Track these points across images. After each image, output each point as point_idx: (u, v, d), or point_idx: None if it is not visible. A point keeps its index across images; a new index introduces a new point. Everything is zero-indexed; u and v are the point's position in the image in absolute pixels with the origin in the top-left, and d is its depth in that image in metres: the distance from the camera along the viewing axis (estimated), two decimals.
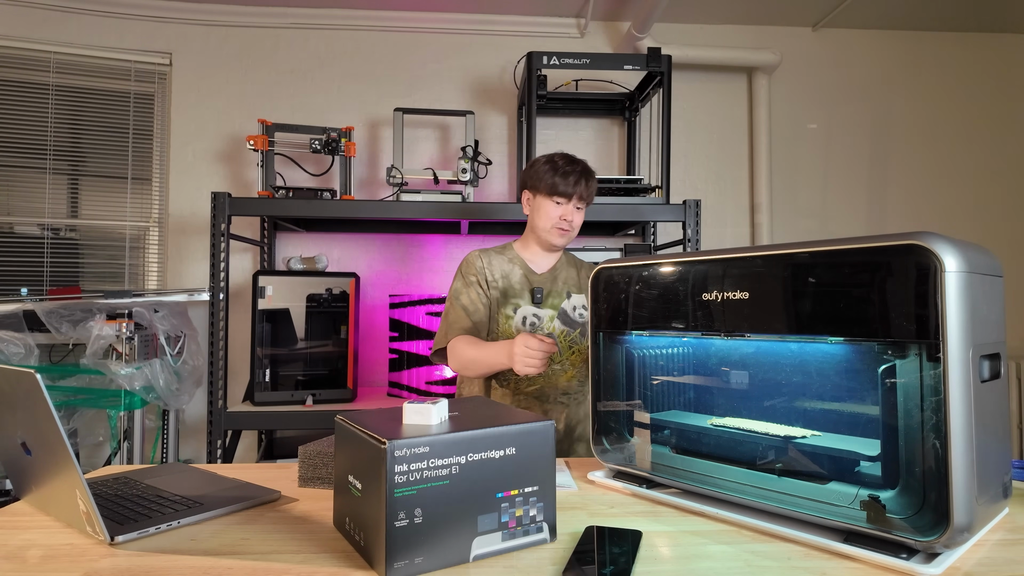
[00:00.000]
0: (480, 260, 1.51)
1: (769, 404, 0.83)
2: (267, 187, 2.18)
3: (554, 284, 1.52)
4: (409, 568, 0.63)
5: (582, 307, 1.53)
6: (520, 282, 1.50)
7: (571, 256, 1.63)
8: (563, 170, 1.44)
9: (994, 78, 2.81)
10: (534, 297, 1.49)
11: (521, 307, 1.48)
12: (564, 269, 1.56)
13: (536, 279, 1.51)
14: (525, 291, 1.50)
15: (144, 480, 0.96)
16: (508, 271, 1.51)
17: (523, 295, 1.50)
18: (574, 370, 1.47)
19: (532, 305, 1.49)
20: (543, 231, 1.48)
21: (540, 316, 1.49)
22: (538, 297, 1.49)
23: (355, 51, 2.62)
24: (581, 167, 1.47)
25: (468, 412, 0.78)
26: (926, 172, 2.78)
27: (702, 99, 2.73)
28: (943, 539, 0.62)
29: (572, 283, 1.55)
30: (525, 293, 1.50)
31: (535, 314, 1.49)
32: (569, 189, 1.43)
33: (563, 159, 1.48)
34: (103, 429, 2.29)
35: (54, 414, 0.68)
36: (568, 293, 1.52)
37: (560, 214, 1.45)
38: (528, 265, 1.53)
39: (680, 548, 0.71)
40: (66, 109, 2.51)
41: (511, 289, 1.49)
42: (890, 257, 0.66)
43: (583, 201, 1.48)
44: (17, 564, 0.67)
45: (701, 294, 0.84)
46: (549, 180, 1.44)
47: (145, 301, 2.21)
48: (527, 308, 1.49)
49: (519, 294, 1.49)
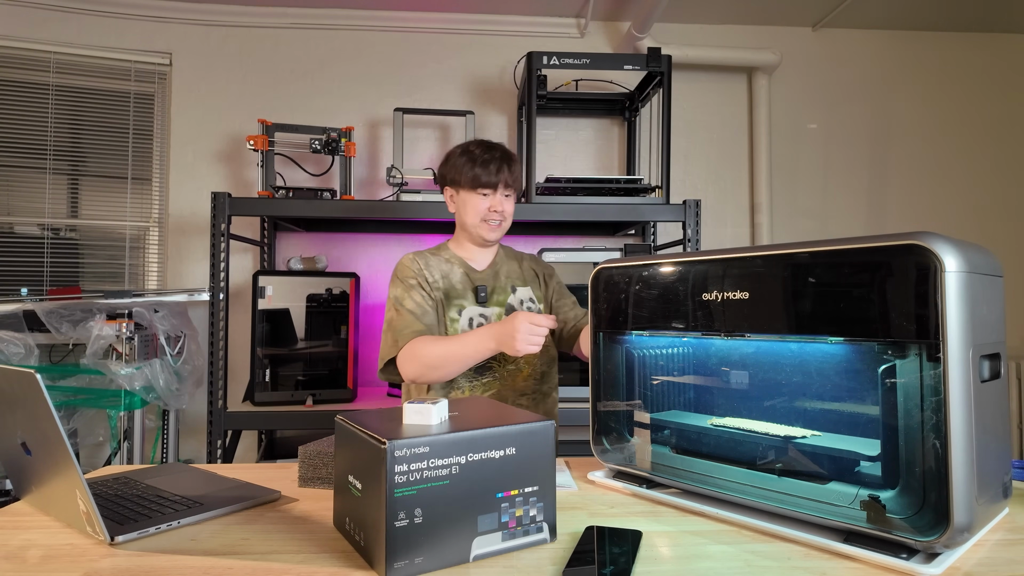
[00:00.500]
0: (416, 262, 1.41)
1: (769, 404, 0.83)
2: (267, 187, 2.18)
3: (496, 280, 1.44)
4: (409, 568, 0.63)
5: (529, 300, 1.46)
6: (461, 281, 1.41)
7: (508, 249, 1.55)
8: (481, 159, 1.35)
9: (994, 78, 2.81)
10: (478, 296, 1.41)
11: (466, 308, 1.39)
12: (504, 263, 1.48)
13: (478, 277, 1.43)
14: (468, 291, 1.41)
15: (144, 480, 0.96)
16: (447, 271, 1.42)
17: (466, 295, 1.41)
18: (529, 368, 1.41)
19: (477, 305, 1.40)
20: (473, 227, 1.39)
21: (487, 316, 1.40)
22: (482, 296, 1.41)
23: (355, 51, 2.62)
24: (500, 152, 1.38)
25: (468, 412, 0.78)
26: (926, 172, 2.78)
27: (702, 99, 2.73)
28: (943, 539, 0.62)
29: (515, 276, 1.47)
30: (468, 293, 1.41)
31: (481, 314, 1.40)
32: (492, 178, 1.35)
33: (479, 147, 1.38)
34: (103, 429, 2.29)
35: (54, 414, 0.68)
36: (513, 287, 1.45)
37: (488, 206, 1.37)
38: (467, 263, 1.44)
39: (680, 548, 0.71)
40: (66, 109, 2.51)
41: (453, 290, 1.40)
42: (890, 257, 0.66)
43: (510, 188, 1.39)
44: (17, 564, 0.67)
45: (701, 294, 0.84)
46: (469, 173, 1.35)
47: (145, 301, 2.21)
48: (472, 308, 1.40)
49: (462, 294, 1.40)
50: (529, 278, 1.50)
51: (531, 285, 1.49)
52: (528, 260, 1.55)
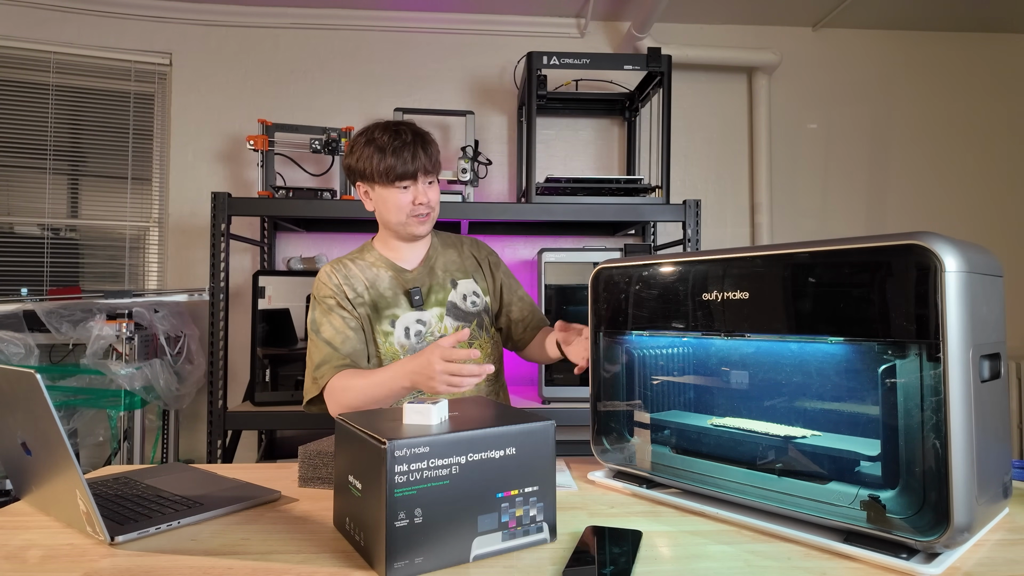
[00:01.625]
0: (334, 276, 1.24)
1: (769, 404, 0.83)
2: (267, 187, 2.18)
3: (432, 276, 1.28)
4: (409, 568, 0.63)
5: (473, 294, 1.30)
6: (391, 287, 1.25)
7: (445, 236, 1.37)
8: (392, 147, 1.17)
9: (994, 78, 2.81)
10: (412, 300, 1.24)
11: (400, 317, 1.23)
12: (440, 255, 1.32)
13: (409, 277, 1.27)
14: (399, 296, 1.24)
15: (144, 480, 0.96)
16: (373, 278, 1.25)
17: (398, 301, 1.24)
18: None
19: (413, 310, 1.24)
20: (399, 224, 1.23)
21: (425, 320, 1.24)
22: (417, 299, 1.24)
23: (355, 51, 2.62)
24: (411, 134, 1.20)
25: (468, 412, 0.78)
26: (926, 172, 2.78)
27: (702, 99, 2.73)
28: (943, 539, 0.62)
29: (455, 267, 1.31)
30: (400, 298, 1.24)
31: (419, 320, 1.24)
32: (409, 166, 1.17)
33: (385, 132, 1.20)
34: (103, 429, 2.29)
35: (54, 414, 0.68)
36: (453, 281, 1.29)
37: (411, 199, 1.20)
38: (396, 264, 1.28)
39: (680, 548, 0.71)
40: (66, 109, 2.51)
41: (382, 299, 1.24)
42: (890, 257, 0.66)
43: (430, 173, 1.22)
44: (17, 564, 0.67)
45: (701, 294, 0.84)
46: (381, 165, 1.17)
47: (145, 301, 2.21)
48: (407, 316, 1.23)
49: (393, 301, 1.24)
50: (471, 268, 1.34)
51: (474, 276, 1.33)
52: (469, 245, 1.37)
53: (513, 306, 1.37)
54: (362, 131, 1.24)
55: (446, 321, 1.27)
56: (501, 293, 1.37)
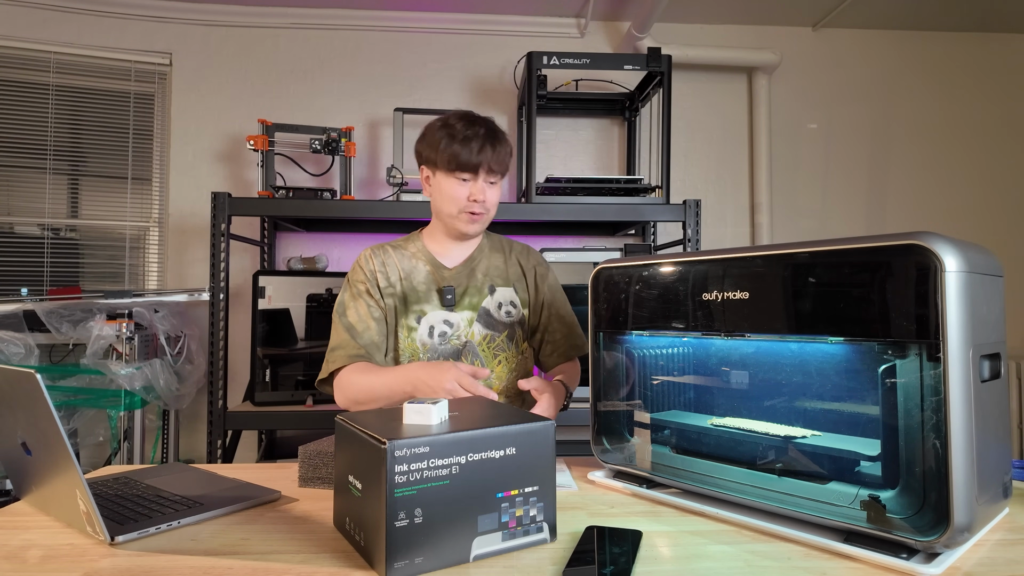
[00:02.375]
0: (371, 261, 1.20)
1: (769, 404, 0.83)
2: (267, 187, 2.18)
3: (471, 279, 1.22)
4: (409, 568, 0.63)
5: (510, 304, 1.23)
6: (425, 281, 1.20)
7: (496, 239, 1.31)
8: (463, 135, 1.12)
9: (994, 78, 2.81)
10: (444, 299, 1.19)
11: (427, 314, 1.18)
12: (485, 257, 1.25)
13: (447, 275, 1.21)
14: (432, 292, 1.20)
15: (144, 480, 0.96)
16: (410, 269, 1.20)
17: (430, 298, 1.19)
18: (500, 384, 1.21)
19: (443, 309, 1.19)
20: (449, 217, 1.18)
21: (452, 322, 1.19)
22: (449, 298, 1.19)
23: (355, 51, 2.62)
24: (485, 128, 1.15)
25: (468, 412, 0.78)
26: (926, 172, 2.78)
27: (702, 99, 2.73)
28: (943, 539, 0.62)
29: (497, 273, 1.25)
30: (432, 295, 1.20)
31: (446, 320, 1.18)
32: (473, 158, 1.12)
33: (461, 120, 1.16)
34: (103, 429, 2.29)
35: (54, 414, 0.68)
36: (491, 288, 1.23)
37: (468, 194, 1.15)
38: (436, 259, 1.23)
39: (680, 548, 0.71)
40: (66, 109, 2.51)
41: (413, 292, 1.19)
42: (890, 257, 0.66)
43: (494, 173, 1.16)
44: (17, 564, 0.67)
45: (701, 294, 0.84)
46: (447, 151, 1.13)
47: (145, 301, 2.21)
48: (435, 314, 1.18)
49: (424, 297, 1.19)
50: (514, 275, 1.27)
51: (515, 284, 1.27)
52: (518, 252, 1.31)
53: (551, 326, 1.29)
54: (441, 116, 1.20)
55: (475, 327, 1.20)
56: (542, 308, 1.29)
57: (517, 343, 1.25)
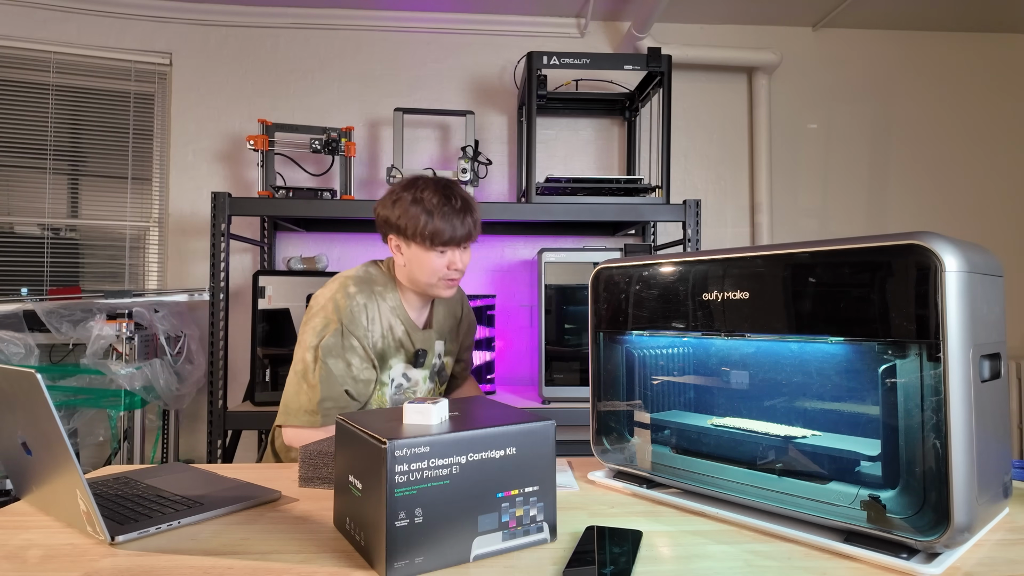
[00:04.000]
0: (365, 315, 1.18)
1: (769, 404, 0.83)
2: (267, 187, 2.18)
3: (430, 339, 1.30)
4: (409, 568, 0.63)
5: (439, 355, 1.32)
6: (400, 339, 1.24)
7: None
8: (441, 212, 1.12)
9: (994, 78, 2.81)
10: (417, 360, 1.24)
11: (393, 368, 1.23)
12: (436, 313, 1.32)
13: (419, 338, 1.26)
14: (402, 351, 1.24)
15: (144, 480, 0.96)
16: (389, 326, 1.22)
17: (399, 354, 1.24)
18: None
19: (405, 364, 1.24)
20: (428, 286, 1.20)
21: (411, 377, 1.26)
22: (420, 361, 1.25)
23: (355, 51, 2.62)
24: (460, 200, 1.16)
25: (468, 412, 0.78)
26: (926, 172, 2.78)
27: (702, 99, 2.73)
28: (943, 539, 0.62)
29: (438, 328, 1.32)
30: (402, 352, 1.24)
31: (404, 374, 1.24)
32: (457, 234, 1.13)
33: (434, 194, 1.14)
34: (103, 429, 2.29)
35: (54, 414, 0.68)
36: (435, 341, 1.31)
37: (447, 263, 1.17)
38: (411, 320, 1.26)
39: (680, 548, 0.71)
40: (66, 109, 2.51)
41: (389, 349, 1.22)
42: (890, 257, 0.66)
43: (471, 239, 1.19)
44: (17, 564, 0.67)
45: (701, 294, 0.84)
46: (428, 228, 1.12)
47: (145, 301, 2.21)
48: (398, 368, 1.24)
49: (395, 354, 1.23)
50: (448, 328, 1.36)
51: (447, 336, 1.35)
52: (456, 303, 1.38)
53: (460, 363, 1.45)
54: (407, 185, 1.18)
55: (427, 384, 1.31)
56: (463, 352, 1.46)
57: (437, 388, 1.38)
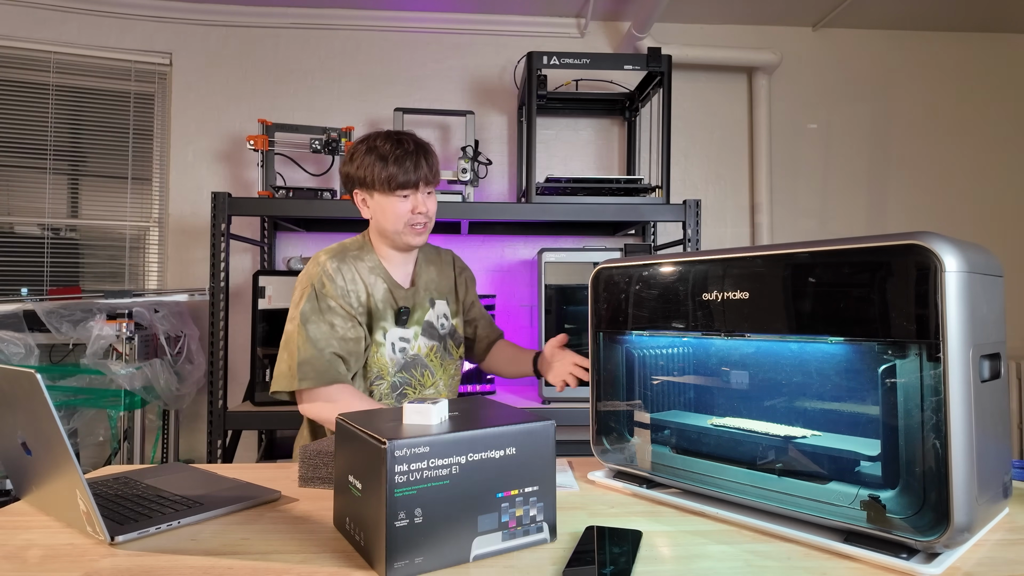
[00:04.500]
0: (340, 275, 1.21)
1: (769, 404, 0.83)
2: (267, 187, 2.18)
3: (417, 296, 1.30)
4: (409, 568, 0.63)
5: (443, 316, 1.32)
6: (384, 300, 1.25)
7: (428, 250, 1.38)
8: (394, 156, 1.18)
9: (994, 78, 2.81)
10: (399, 319, 1.25)
11: (388, 331, 1.24)
12: (424, 271, 1.33)
13: (401, 295, 1.27)
14: (388, 311, 1.25)
15: (144, 480, 0.96)
16: (372, 285, 1.24)
17: (387, 315, 1.24)
18: (447, 391, 1.32)
19: (397, 327, 1.25)
20: (395, 234, 1.23)
21: (407, 338, 1.26)
22: (403, 319, 1.26)
23: (355, 51, 2.62)
24: (413, 144, 1.21)
25: (468, 412, 0.78)
26: (926, 172, 2.78)
27: (702, 99, 2.73)
28: (943, 539, 0.62)
29: (434, 286, 1.33)
30: (389, 313, 1.25)
31: (402, 337, 1.25)
32: (411, 176, 1.18)
33: (387, 141, 1.20)
34: (103, 429, 2.30)
35: (54, 414, 0.68)
36: (431, 300, 1.31)
37: (410, 208, 1.21)
38: (392, 277, 1.28)
39: (680, 548, 0.71)
40: (66, 109, 2.51)
41: (376, 310, 1.23)
42: (890, 257, 0.66)
43: (430, 184, 1.23)
44: (17, 564, 0.67)
45: (701, 294, 0.84)
46: (382, 174, 1.18)
47: (145, 301, 2.21)
48: (393, 331, 1.25)
49: (383, 315, 1.24)
50: (446, 288, 1.37)
51: (447, 297, 1.36)
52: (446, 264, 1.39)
53: (478, 323, 1.44)
54: (362, 139, 1.23)
55: (420, 340, 1.28)
56: (469, 310, 1.44)
57: (451, 351, 1.36)
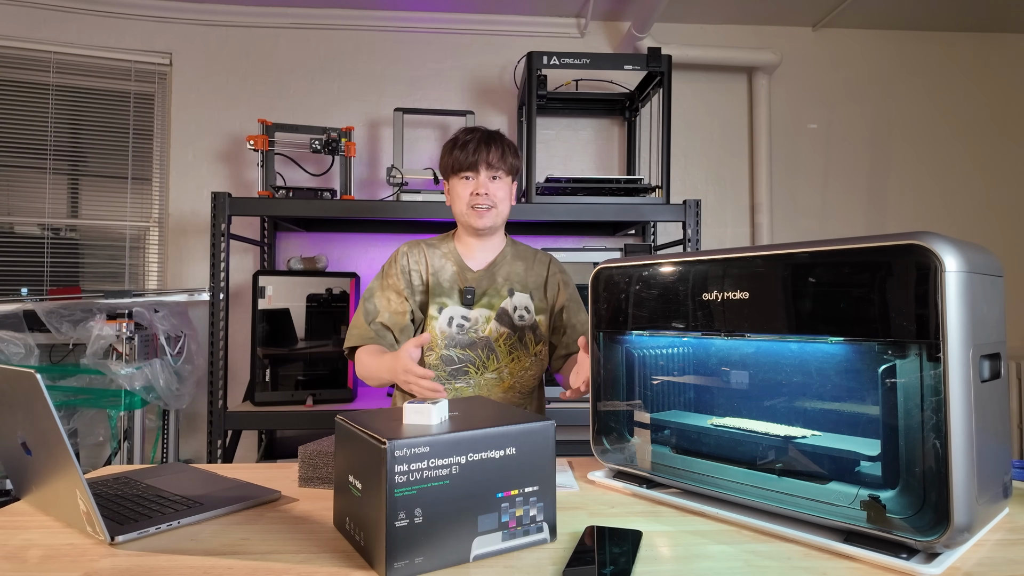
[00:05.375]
0: (407, 257, 1.34)
1: (769, 404, 0.83)
2: (267, 187, 2.18)
3: (491, 282, 1.35)
4: (409, 568, 0.63)
5: (524, 308, 1.35)
6: (450, 280, 1.34)
7: (521, 247, 1.44)
8: (461, 142, 1.29)
9: (994, 78, 2.81)
10: (464, 298, 1.32)
11: (448, 307, 1.32)
12: (508, 264, 1.38)
13: (470, 277, 1.34)
14: (455, 290, 1.33)
15: (144, 480, 0.96)
16: (439, 267, 1.34)
17: (452, 294, 1.33)
18: (512, 380, 1.33)
19: (462, 306, 1.32)
20: (461, 215, 1.32)
21: (470, 318, 1.32)
22: (468, 299, 1.32)
23: (355, 51, 2.62)
24: (481, 132, 1.30)
25: (468, 412, 0.78)
26: (926, 172, 2.78)
27: (702, 99, 2.73)
28: (943, 539, 0.62)
29: (516, 279, 1.37)
30: (454, 292, 1.33)
31: (464, 316, 1.32)
32: (470, 158, 1.27)
33: (464, 131, 1.32)
34: (103, 429, 2.29)
35: (54, 414, 0.68)
36: (511, 291, 1.35)
37: (471, 190, 1.29)
38: (463, 261, 1.36)
39: (680, 548, 0.71)
40: (66, 109, 2.51)
41: (438, 287, 1.33)
42: (890, 257, 0.66)
43: (496, 168, 1.30)
44: (17, 564, 0.67)
45: (701, 294, 0.84)
46: (449, 158, 1.30)
47: (145, 301, 2.21)
48: (454, 308, 1.32)
49: (447, 293, 1.33)
50: (533, 284, 1.39)
51: (533, 292, 1.38)
52: (540, 264, 1.42)
53: (567, 331, 1.39)
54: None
55: (492, 324, 1.32)
56: (562, 311, 1.40)
57: (528, 345, 1.36)
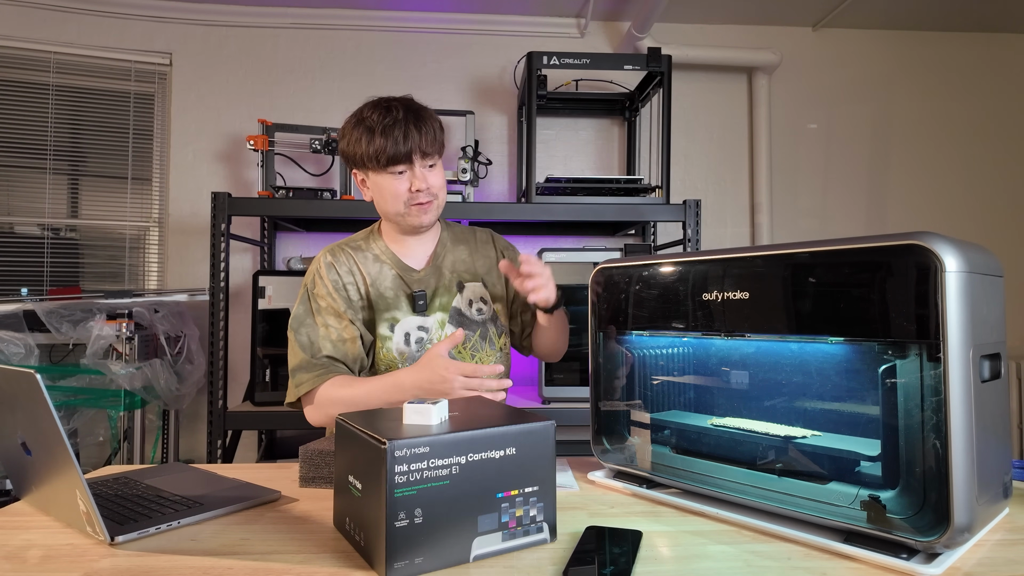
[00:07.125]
0: (334, 270, 1.11)
1: (769, 404, 0.83)
2: (267, 187, 2.18)
3: (439, 278, 1.15)
4: (409, 568, 0.63)
5: (480, 300, 1.16)
6: (393, 287, 1.12)
7: (457, 228, 1.24)
8: (382, 126, 1.03)
9: (994, 78, 2.81)
10: (415, 305, 1.12)
11: (400, 321, 1.11)
12: (449, 252, 1.18)
13: (415, 278, 1.14)
14: (401, 298, 1.12)
15: (144, 480, 0.96)
16: (376, 274, 1.12)
17: (399, 304, 1.12)
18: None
19: (415, 315, 1.12)
20: (398, 215, 1.09)
21: (427, 327, 1.12)
22: (420, 304, 1.12)
23: (355, 51, 2.62)
24: (403, 110, 1.04)
25: (468, 412, 0.78)
26: (926, 172, 2.78)
27: (702, 99, 2.73)
28: (943, 539, 0.62)
29: (464, 268, 1.18)
30: (402, 301, 1.12)
31: (420, 326, 1.12)
32: (400, 148, 1.03)
33: (374, 110, 1.05)
34: (103, 429, 2.29)
35: (54, 414, 0.68)
36: (460, 284, 1.16)
37: (408, 186, 1.06)
38: (402, 261, 1.14)
39: (680, 548, 0.71)
40: (66, 109, 2.51)
41: (382, 300, 1.11)
42: (890, 257, 0.66)
43: (430, 155, 1.07)
44: (17, 564, 0.67)
45: (701, 294, 0.84)
46: (371, 147, 1.03)
47: (145, 301, 2.21)
48: (408, 320, 1.12)
49: (394, 304, 1.12)
50: (482, 268, 1.20)
51: (484, 278, 1.20)
52: (483, 243, 1.23)
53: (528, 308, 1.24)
54: (355, 112, 1.10)
55: (447, 329, 1.15)
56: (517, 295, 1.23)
57: (492, 341, 1.20)
